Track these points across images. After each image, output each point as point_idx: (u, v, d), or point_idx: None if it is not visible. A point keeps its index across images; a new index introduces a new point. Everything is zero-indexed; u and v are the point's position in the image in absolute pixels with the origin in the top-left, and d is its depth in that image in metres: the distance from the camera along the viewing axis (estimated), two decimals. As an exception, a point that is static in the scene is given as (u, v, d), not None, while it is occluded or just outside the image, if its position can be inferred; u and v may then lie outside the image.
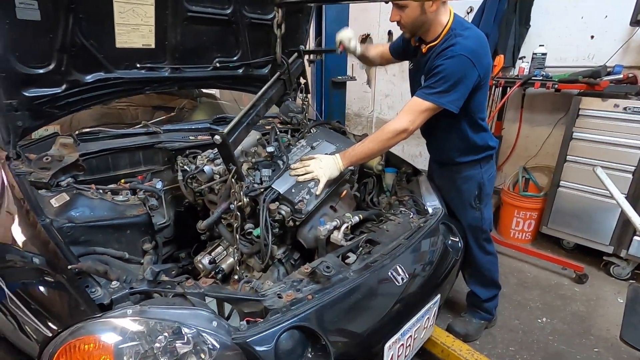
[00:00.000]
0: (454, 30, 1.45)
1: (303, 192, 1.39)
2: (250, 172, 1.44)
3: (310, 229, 1.42)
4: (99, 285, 0.95)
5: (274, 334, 0.93)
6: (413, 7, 1.42)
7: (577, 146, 2.52)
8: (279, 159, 1.51)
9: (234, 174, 1.21)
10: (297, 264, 1.49)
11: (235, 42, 1.99)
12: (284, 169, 1.46)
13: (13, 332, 0.93)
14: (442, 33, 1.46)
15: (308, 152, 1.61)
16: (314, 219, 1.44)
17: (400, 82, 4.02)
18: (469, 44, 1.41)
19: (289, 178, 1.44)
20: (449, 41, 1.43)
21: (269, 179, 1.40)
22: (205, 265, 1.35)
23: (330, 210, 1.53)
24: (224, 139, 1.17)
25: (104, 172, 1.60)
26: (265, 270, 1.38)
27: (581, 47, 2.77)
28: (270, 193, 1.35)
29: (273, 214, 1.33)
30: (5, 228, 1.16)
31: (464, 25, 1.48)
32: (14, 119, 1.40)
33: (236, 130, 1.27)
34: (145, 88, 1.81)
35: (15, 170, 1.35)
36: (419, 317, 1.29)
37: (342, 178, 1.57)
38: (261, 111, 1.50)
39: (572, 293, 2.40)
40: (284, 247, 1.45)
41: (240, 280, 1.30)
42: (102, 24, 1.50)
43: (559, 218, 2.70)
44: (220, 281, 1.34)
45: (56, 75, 1.46)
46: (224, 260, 1.38)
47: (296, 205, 1.34)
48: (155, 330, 0.86)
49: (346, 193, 1.62)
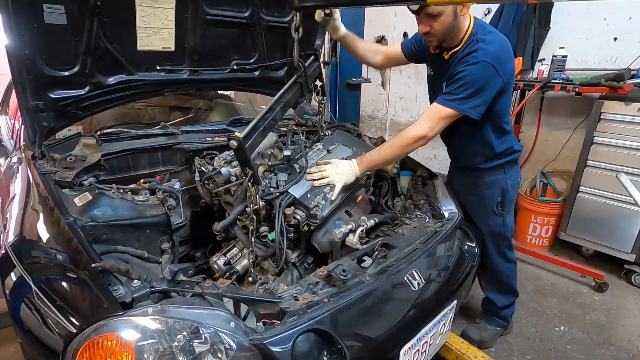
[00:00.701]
0: (476, 35, 1.43)
1: (318, 197, 1.39)
2: (266, 175, 1.45)
3: (324, 234, 1.42)
4: (121, 283, 0.97)
5: (291, 336, 0.93)
6: (448, 14, 1.37)
7: (599, 151, 2.46)
8: (295, 162, 1.51)
9: (250, 177, 1.22)
10: (311, 267, 1.50)
11: (252, 45, 2.01)
12: (302, 173, 1.45)
13: (37, 326, 0.96)
14: (463, 38, 1.44)
15: (324, 156, 1.62)
16: (329, 223, 1.44)
17: (415, 84, 3.99)
18: (492, 50, 1.38)
19: (305, 182, 1.44)
20: (471, 46, 1.41)
21: (285, 183, 1.40)
22: (220, 266, 1.37)
23: (345, 214, 1.53)
24: (241, 144, 1.18)
25: (124, 172, 1.64)
26: (279, 274, 1.39)
27: (603, 49, 2.70)
28: (286, 197, 1.35)
29: (288, 219, 1.34)
30: (32, 225, 1.20)
31: (486, 29, 1.46)
32: (40, 119, 1.45)
33: (253, 134, 1.28)
34: (164, 90, 1.84)
35: (40, 169, 1.39)
36: (435, 322, 1.28)
37: (358, 183, 1.57)
38: (278, 115, 1.50)
39: (592, 301, 2.34)
40: (298, 251, 1.46)
41: (254, 282, 1.31)
42: (124, 27, 1.53)
43: (578, 224, 2.63)
44: (235, 282, 1.35)
45: (80, 77, 1.51)
46: (239, 262, 1.39)
47: (311, 211, 1.34)
48: (174, 329, 0.87)
49: (362, 198, 1.61)
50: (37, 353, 0.98)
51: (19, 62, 1.31)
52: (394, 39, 3.99)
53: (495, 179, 1.65)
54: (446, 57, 1.50)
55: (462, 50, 1.44)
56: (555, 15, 2.86)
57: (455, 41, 1.46)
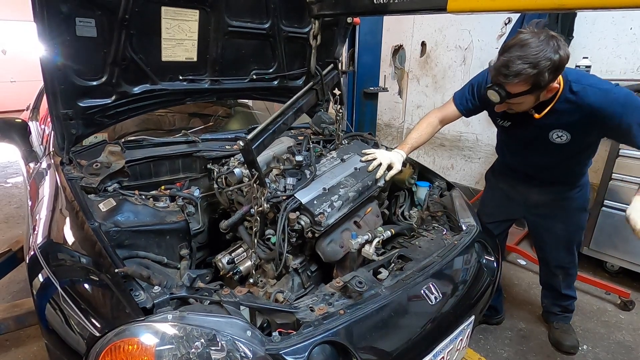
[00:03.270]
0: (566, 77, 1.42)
1: (325, 205, 1.37)
2: (278, 179, 1.46)
3: (329, 243, 1.40)
4: (142, 289, 0.99)
5: (306, 347, 0.93)
6: (529, 102, 1.39)
7: (624, 164, 2.37)
8: (306, 168, 1.51)
9: (256, 179, 1.23)
10: (314, 275, 1.49)
11: (272, 55, 2.05)
12: (310, 178, 1.46)
13: (62, 327, 0.99)
14: (558, 92, 1.43)
15: (338, 165, 1.62)
16: (335, 232, 1.43)
17: (433, 93, 3.97)
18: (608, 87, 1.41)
19: (313, 188, 1.43)
20: (575, 87, 1.41)
21: (293, 187, 1.40)
22: (224, 264, 1.36)
23: (354, 225, 1.51)
24: (247, 145, 1.19)
25: (146, 179, 1.69)
26: (278, 278, 1.38)
27: (630, 59, 2.62)
28: (291, 202, 1.35)
29: (292, 224, 1.32)
30: (59, 228, 1.25)
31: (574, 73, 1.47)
32: (69, 127, 1.51)
33: (260, 137, 1.29)
34: (186, 99, 1.89)
35: (67, 174, 1.45)
36: (452, 338, 1.25)
37: (375, 189, 1.57)
38: (289, 120, 1.50)
39: (617, 320, 2.25)
40: (302, 258, 1.44)
41: (255, 284, 1.33)
42: (150, 39, 1.59)
43: (603, 239, 2.54)
44: (238, 282, 1.36)
45: (107, 87, 1.56)
46: (243, 262, 1.39)
47: (316, 217, 1.32)
48: (192, 336, 0.89)
49: (371, 210, 1.60)
50: (61, 354, 1.01)
51: (51, 72, 1.37)
52: (411, 47, 3.99)
53: (586, 181, 1.76)
54: (537, 117, 1.47)
55: (563, 95, 1.43)
56: (578, 25, 2.80)
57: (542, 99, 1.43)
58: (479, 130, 3.59)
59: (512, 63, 1.27)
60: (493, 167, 2.00)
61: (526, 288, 2.57)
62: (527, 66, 1.25)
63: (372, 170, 1.58)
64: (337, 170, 1.57)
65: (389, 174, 1.59)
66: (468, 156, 3.74)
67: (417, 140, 1.72)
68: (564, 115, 1.44)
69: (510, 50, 1.29)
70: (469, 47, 3.50)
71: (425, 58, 3.89)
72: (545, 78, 1.27)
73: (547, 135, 1.52)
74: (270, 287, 1.32)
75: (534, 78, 1.27)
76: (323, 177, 1.52)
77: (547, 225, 1.84)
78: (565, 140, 1.49)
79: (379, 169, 1.58)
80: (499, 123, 1.67)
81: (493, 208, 1.94)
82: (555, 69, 1.27)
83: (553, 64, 1.25)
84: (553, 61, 1.25)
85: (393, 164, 1.61)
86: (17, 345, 1.97)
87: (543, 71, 1.25)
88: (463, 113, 1.72)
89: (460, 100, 1.71)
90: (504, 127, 1.66)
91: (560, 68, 1.29)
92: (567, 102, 1.42)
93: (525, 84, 1.30)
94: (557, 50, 1.25)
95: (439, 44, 3.72)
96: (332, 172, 1.56)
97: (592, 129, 1.45)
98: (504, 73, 1.29)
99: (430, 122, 1.75)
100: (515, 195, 1.86)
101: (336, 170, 1.57)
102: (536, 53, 1.24)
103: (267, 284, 1.34)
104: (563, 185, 1.73)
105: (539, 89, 1.32)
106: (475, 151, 3.67)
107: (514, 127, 1.62)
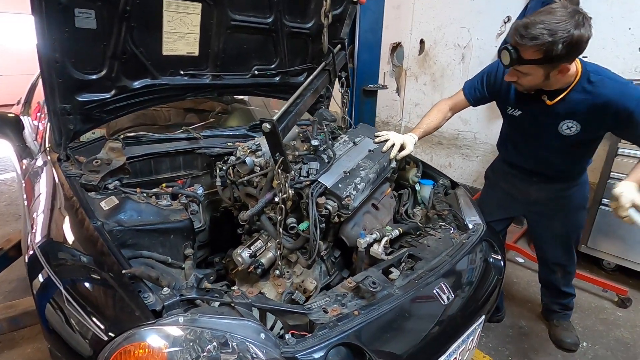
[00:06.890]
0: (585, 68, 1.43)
1: (350, 188, 1.33)
2: (292, 165, 1.42)
3: (353, 226, 1.38)
4: (151, 290, 0.96)
5: (323, 350, 0.91)
6: (537, 76, 1.38)
7: (623, 163, 2.40)
8: (323, 153, 1.48)
9: (280, 164, 1.18)
10: (337, 261, 1.47)
11: (274, 51, 2.01)
12: (331, 162, 1.42)
13: (65, 329, 0.95)
14: (574, 81, 1.43)
15: (351, 148, 1.60)
16: (357, 216, 1.41)
17: (431, 91, 3.96)
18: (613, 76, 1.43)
19: (334, 172, 1.39)
20: (592, 77, 1.41)
21: (316, 172, 1.35)
22: (245, 259, 1.31)
23: (373, 208, 1.50)
24: (274, 126, 1.13)
25: (146, 176, 1.64)
26: (310, 266, 1.35)
27: (628, 59, 2.65)
28: (317, 186, 1.30)
29: (320, 209, 1.28)
30: (58, 227, 1.20)
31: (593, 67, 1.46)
32: (67, 122, 1.46)
33: (285, 118, 1.24)
34: (187, 94, 1.84)
35: (65, 171, 1.40)
36: (464, 338, 1.24)
37: (389, 170, 1.58)
38: (308, 101, 1.47)
39: (615, 317, 2.27)
40: (326, 244, 1.41)
41: (281, 275, 1.28)
42: (151, 32, 1.54)
43: (600, 237, 2.57)
44: (259, 276, 1.33)
45: (107, 81, 1.51)
46: (264, 254, 1.34)
47: (343, 201, 1.28)
48: (204, 339, 0.86)
49: (389, 191, 1.60)
50: (63, 356, 0.97)
51: (49, 65, 1.32)
52: (410, 45, 3.98)
53: (585, 179, 1.76)
54: (549, 103, 1.48)
55: (578, 85, 1.43)
56: (577, 24, 2.81)
57: (560, 85, 1.44)
58: (477, 129, 3.60)
59: (532, 25, 1.26)
60: (493, 165, 2.00)
61: (525, 286, 2.59)
62: (546, 32, 1.24)
63: (385, 151, 1.57)
64: (352, 154, 1.55)
65: (400, 154, 1.60)
66: (466, 154, 3.75)
67: (429, 125, 1.73)
68: (577, 105, 1.44)
69: (537, 14, 1.29)
70: (467, 45, 3.50)
71: (423, 56, 3.88)
72: (558, 50, 1.25)
73: (557, 125, 1.51)
74: (297, 277, 1.28)
75: (547, 46, 1.25)
76: (340, 160, 1.49)
77: (546, 223, 1.84)
78: (575, 132, 1.49)
79: (392, 150, 1.58)
80: (508, 112, 1.65)
81: (493, 206, 1.93)
82: (571, 45, 1.25)
83: (570, 38, 1.23)
84: (571, 34, 1.23)
85: (406, 144, 1.61)
86: (11, 347, 1.91)
87: (558, 41, 1.23)
88: (471, 102, 1.73)
89: (469, 90, 1.73)
90: (513, 116, 1.64)
91: (576, 46, 1.26)
92: (582, 92, 1.42)
93: (538, 52, 1.28)
94: (579, 26, 1.24)
95: (437, 42, 3.71)
96: (347, 155, 1.54)
97: (603, 121, 1.45)
98: (521, 33, 1.28)
99: (441, 108, 1.77)
100: (515, 193, 1.86)
101: (352, 153, 1.55)
102: (558, 22, 1.23)
103: (293, 274, 1.30)
104: (563, 182, 1.73)
105: (550, 62, 1.30)
106: (473, 149, 3.68)
107: (523, 117, 1.60)
